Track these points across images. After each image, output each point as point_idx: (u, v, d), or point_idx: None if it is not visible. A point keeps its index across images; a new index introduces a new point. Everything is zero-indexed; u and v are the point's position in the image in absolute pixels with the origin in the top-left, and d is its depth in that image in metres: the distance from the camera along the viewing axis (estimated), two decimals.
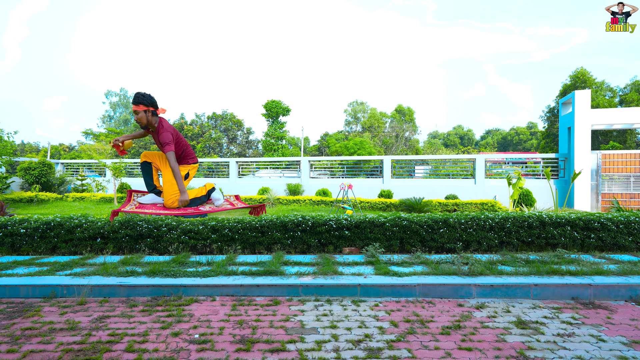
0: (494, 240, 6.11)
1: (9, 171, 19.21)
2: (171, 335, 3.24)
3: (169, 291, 4.29)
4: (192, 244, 6.05)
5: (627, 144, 30.26)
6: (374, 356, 2.88)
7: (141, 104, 4.29)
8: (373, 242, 6.02)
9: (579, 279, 4.44)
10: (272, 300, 4.14)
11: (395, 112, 48.23)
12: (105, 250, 6.03)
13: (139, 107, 4.30)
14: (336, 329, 3.38)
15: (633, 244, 6.19)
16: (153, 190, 4.72)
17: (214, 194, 4.89)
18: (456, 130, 70.62)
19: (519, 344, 3.08)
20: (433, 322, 3.55)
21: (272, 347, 3.01)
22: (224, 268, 4.89)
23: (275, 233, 6.05)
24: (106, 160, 20.59)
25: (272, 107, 35.37)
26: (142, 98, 4.30)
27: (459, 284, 4.31)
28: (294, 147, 49.89)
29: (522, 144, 62.00)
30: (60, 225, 6.07)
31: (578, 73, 31.58)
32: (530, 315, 3.72)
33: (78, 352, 2.94)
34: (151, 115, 4.36)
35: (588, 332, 3.33)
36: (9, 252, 6.12)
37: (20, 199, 15.68)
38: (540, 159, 17.54)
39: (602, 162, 15.38)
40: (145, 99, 4.30)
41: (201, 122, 43.20)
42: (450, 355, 2.89)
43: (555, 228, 6.19)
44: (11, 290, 4.32)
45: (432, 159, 20.13)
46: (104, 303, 4.06)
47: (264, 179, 19.85)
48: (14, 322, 3.53)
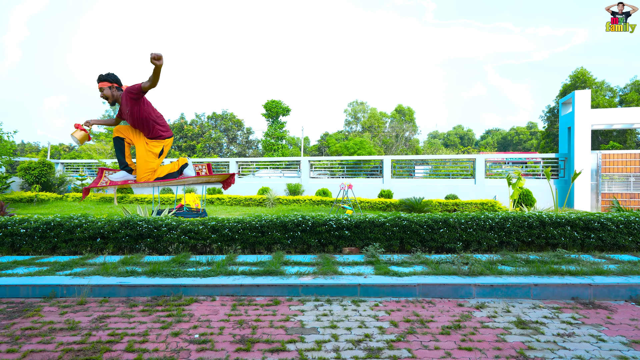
0: (494, 240, 6.11)
1: (9, 171, 19.21)
2: (171, 335, 3.24)
3: (169, 291, 4.29)
4: (192, 244, 6.05)
5: (627, 144, 30.26)
6: (374, 356, 2.88)
7: (105, 81, 4.37)
8: (373, 242, 6.02)
9: (579, 279, 4.44)
10: (272, 300, 4.14)
11: (395, 112, 48.24)
12: (105, 250, 6.03)
13: (104, 84, 4.36)
14: (336, 328, 3.38)
15: (633, 244, 6.19)
16: (125, 167, 4.72)
17: (187, 170, 4.93)
18: (456, 130, 70.63)
19: (519, 344, 3.08)
20: (433, 322, 3.55)
21: (272, 347, 3.01)
22: (224, 268, 4.89)
23: (275, 233, 6.05)
24: (106, 160, 20.57)
25: (272, 107, 35.37)
26: (105, 76, 4.38)
27: (459, 284, 4.31)
28: (294, 147, 49.89)
29: (522, 144, 62.00)
30: (60, 225, 6.07)
31: (578, 73, 31.58)
32: (530, 315, 3.72)
33: (78, 352, 2.94)
34: (116, 90, 4.42)
35: (588, 332, 3.33)
36: (9, 252, 6.12)
37: (20, 199, 15.68)
38: (540, 159, 17.54)
39: (602, 162, 15.38)
40: (108, 76, 4.39)
41: (201, 122, 43.19)
42: (450, 355, 2.89)
43: (555, 228, 6.19)
44: (11, 290, 4.32)
45: (432, 159, 20.13)
46: (104, 303, 4.06)
47: (264, 179, 19.86)
48: (14, 322, 3.53)
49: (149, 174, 4.50)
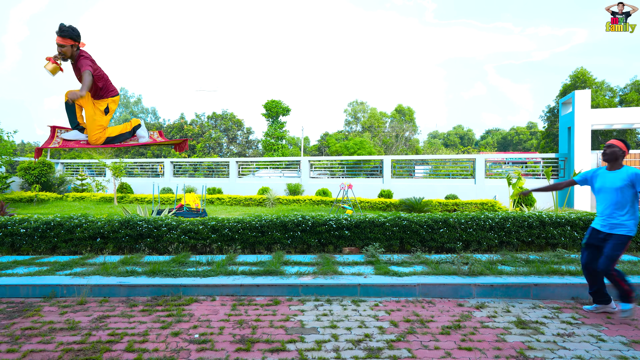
0: (494, 240, 6.11)
1: (9, 171, 19.20)
2: (171, 335, 3.24)
3: (169, 291, 4.29)
4: (192, 243, 6.05)
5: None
6: (374, 356, 2.89)
7: (70, 39, 4.28)
8: (373, 242, 6.03)
9: (579, 279, 4.44)
10: (272, 300, 4.14)
11: (395, 112, 48.25)
12: (105, 250, 6.03)
13: (67, 42, 4.28)
14: (336, 328, 3.38)
15: (633, 244, 6.19)
16: (77, 126, 4.75)
17: (139, 131, 4.98)
18: (456, 130, 70.65)
19: (519, 344, 3.08)
20: (433, 322, 3.55)
21: (272, 347, 3.01)
22: (224, 268, 4.89)
23: (275, 233, 6.05)
24: (106, 160, 20.58)
25: (272, 107, 35.37)
26: (72, 32, 4.29)
27: (459, 284, 4.31)
28: (294, 147, 49.90)
29: (522, 144, 62.01)
30: (60, 225, 6.07)
31: (578, 73, 31.58)
32: (530, 315, 3.72)
33: (78, 352, 2.94)
34: (75, 50, 4.41)
35: (588, 332, 3.33)
36: (9, 252, 6.12)
37: (20, 199, 15.68)
38: (540, 159, 17.54)
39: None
40: (74, 33, 4.30)
41: (201, 122, 43.20)
42: (450, 355, 2.89)
43: (555, 228, 6.20)
44: (11, 290, 4.32)
45: (432, 159, 20.14)
46: (104, 303, 4.06)
47: (264, 178, 19.86)
48: (14, 322, 3.54)
49: (99, 131, 4.56)
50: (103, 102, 4.63)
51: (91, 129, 4.56)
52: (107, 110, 4.67)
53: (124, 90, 60.68)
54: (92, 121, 4.54)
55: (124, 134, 4.85)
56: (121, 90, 60.58)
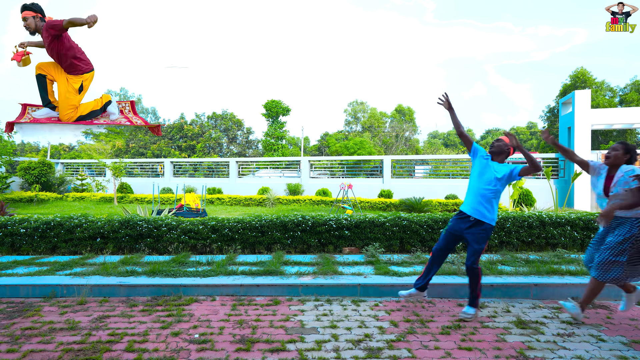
0: (493, 240, 6.11)
1: (9, 171, 19.20)
2: (171, 335, 3.24)
3: (169, 291, 4.29)
4: (192, 243, 6.05)
5: None
6: (374, 356, 2.88)
7: (29, 10, 4.35)
8: (373, 242, 6.03)
9: (579, 279, 4.45)
10: (272, 300, 4.14)
11: (395, 112, 48.25)
12: (105, 250, 6.03)
13: (28, 14, 4.34)
14: (336, 328, 3.38)
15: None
16: (48, 104, 4.71)
17: (110, 107, 4.95)
18: None
19: (519, 344, 3.08)
20: (433, 322, 3.55)
21: (272, 347, 3.01)
22: (224, 268, 4.89)
23: (275, 233, 6.05)
24: (106, 160, 20.59)
25: (272, 107, 35.37)
26: (31, 5, 4.37)
27: (459, 284, 4.31)
28: (294, 147, 49.89)
29: (522, 144, 61.98)
30: (60, 225, 6.07)
31: (578, 73, 31.60)
32: (530, 315, 3.72)
33: (78, 352, 2.94)
34: (39, 20, 4.42)
35: (588, 332, 3.33)
36: (9, 252, 6.12)
37: (20, 199, 15.68)
38: (540, 158, 17.54)
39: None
40: (34, 5, 4.38)
41: (201, 121, 43.20)
42: (450, 355, 2.89)
43: (555, 228, 6.20)
44: (11, 290, 4.32)
45: (432, 159, 20.15)
46: (104, 303, 4.06)
47: (264, 178, 19.87)
48: (14, 322, 3.53)
49: (71, 110, 4.53)
50: (77, 79, 4.55)
51: (63, 108, 4.51)
52: (82, 88, 4.61)
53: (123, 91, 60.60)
54: (64, 99, 4.49)
55: (95, 111, 4.81)
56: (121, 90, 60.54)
